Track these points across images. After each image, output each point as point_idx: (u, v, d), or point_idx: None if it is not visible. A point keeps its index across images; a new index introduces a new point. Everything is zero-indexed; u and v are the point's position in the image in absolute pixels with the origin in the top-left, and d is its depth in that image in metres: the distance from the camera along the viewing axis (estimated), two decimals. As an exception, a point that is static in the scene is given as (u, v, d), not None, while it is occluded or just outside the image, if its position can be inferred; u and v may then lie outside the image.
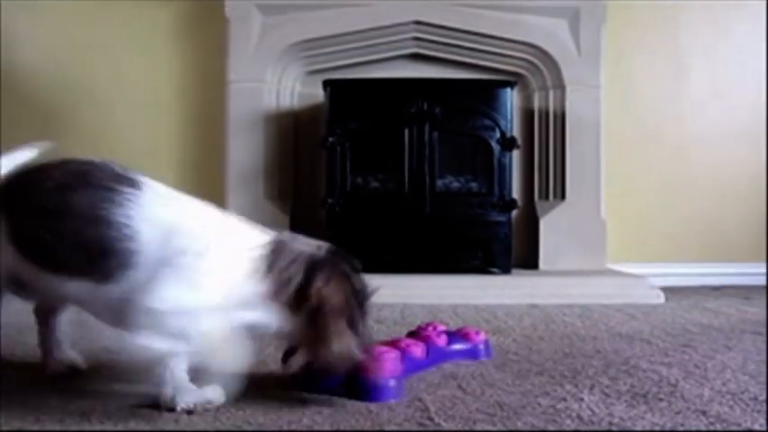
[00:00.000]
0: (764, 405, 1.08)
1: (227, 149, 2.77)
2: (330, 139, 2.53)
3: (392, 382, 1.10)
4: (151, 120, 2.97)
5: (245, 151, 2.75)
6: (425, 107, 2.54)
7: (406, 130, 2.54)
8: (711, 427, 0.97)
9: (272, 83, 2.79)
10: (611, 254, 2.80)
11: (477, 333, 1.41)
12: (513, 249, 2.59)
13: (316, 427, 0.96)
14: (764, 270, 2.98)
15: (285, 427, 0.96)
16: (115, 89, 2.96)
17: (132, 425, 0.96)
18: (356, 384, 1.09)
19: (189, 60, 2.97)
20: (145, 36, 2.97)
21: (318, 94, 2.72)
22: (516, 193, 2.74)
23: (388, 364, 1.11)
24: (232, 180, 2.76)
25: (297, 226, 2.80)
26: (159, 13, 2.96)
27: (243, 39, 2.75)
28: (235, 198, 2.75)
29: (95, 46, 2.96)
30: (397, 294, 2.28)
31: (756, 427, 0.97)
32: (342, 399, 1.09)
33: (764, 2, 3.02)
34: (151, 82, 2.97)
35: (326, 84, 2.61)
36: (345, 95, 2.59)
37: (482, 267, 2.53)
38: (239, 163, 2.75)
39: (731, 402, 1.10)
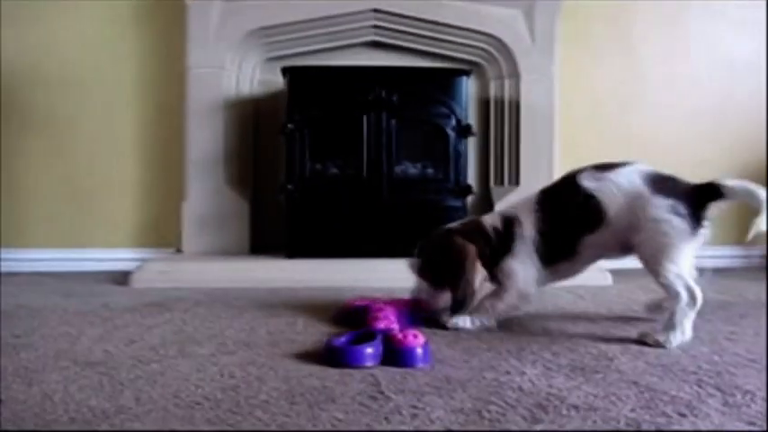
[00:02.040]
0: (694, 376, 1.16)
1: (187, 135, 2.77)
2: (289, 126, 2.56)
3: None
4: (110, 106, 2.94)
5: (205, 137, 2.76)
6: (383, 95, 2.58)
7: (365, 118, 2.58)
8: (641, 396, 1.04)
9: (232, 69, 2.80)
10: (563, 238, 2.89)
11: (416, 337, 1.39)
12: (469, 234, 2.66)
13: (272, 401, 1.01)
14: (710, 253, 3.11)
15: (242, 402, 1.00)
16: (73, 76, 2.93)
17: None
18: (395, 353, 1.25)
19: (148, 46, 2.95)
20: (103, 22, 2.93)
21: (278, 81, 2.75)
22: (472, 179, 2.81)
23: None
24: (192, 166, 2.77)
25: (257, 211, 2.83)
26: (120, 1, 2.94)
27: (202, 25, 2.75)
28: (195, 183, 2.76)
29: (52, 32, 2.92)
30: (356, 278, 2.34)
31: (682, 394, 1.05)
32: (299, 375, 1.14)
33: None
34: (110, 68, 2.94)
35: (286, 70, 2.63)
36: (305, 82, 2.61)
37: (439, 251, 2.59)
38: (199, 149, 2.76)
39: (661, 374, 1.18)
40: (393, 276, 2.34)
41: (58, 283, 2.42)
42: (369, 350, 1.23)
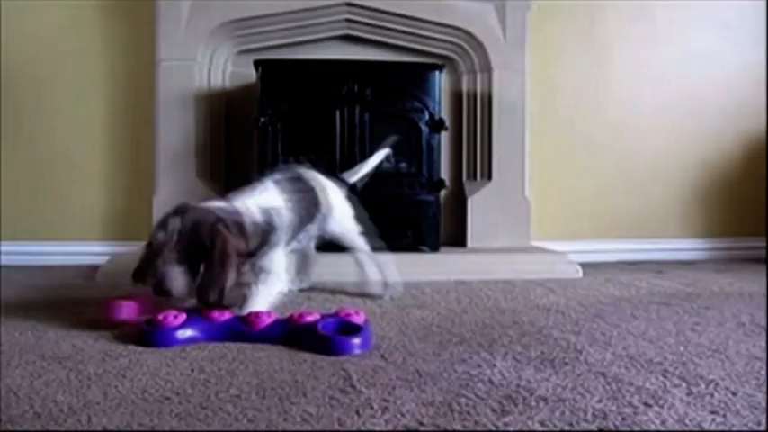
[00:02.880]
0: (660, 366, 1.19)
1: (158, 129, 2.74)
2: (262, 120, 2.54)
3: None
4: (80, 99, 2.90)
5: (175, 131, 2.73)
6: (356, 89, 2.58)
7: (338, 112, 2.58)
8: (608, 387, 1.06)
9: (203, 62, 2.77)
10: (535, 232, 2.93)
11: (358, 314, 1.43)
12: (441, 228, 2.67)
13: (243, 395, 1.00)
14: (677, 246, 3.19)
15: (213, 397, 1.00)
16: (42, 69, 2.88)
17: (60, 399, 0.98)
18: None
19: (117, 39, 2.91)
20: (72, 14, 2.88)
21: (250, 74, 2.72)
22: (445, 173, 2.82)
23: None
24: (163, 159, 2.74)
25: (229, 206, 2.80)
26: (85, -11, 2.89)
27: (173, 17, 2.71)
28: (166, 177, 2.73)
29: (21, 23, 2.86)
30: (329, 272, 2.33)
31: (648, 385, 1.07)
32: (270, 369, 1.14)
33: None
34: (79, 61, 2.89)
35: (258, 64, 2.61)
36: (277, 76, 2.59)
37: (412, 245, 2.60)
38: (170, 142, 2.73)
39: (628, 365, 1.20)
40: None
41: (25, 277, 2.38)
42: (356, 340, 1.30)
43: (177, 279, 1.40)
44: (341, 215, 1.95)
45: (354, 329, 1.34)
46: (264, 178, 1.74)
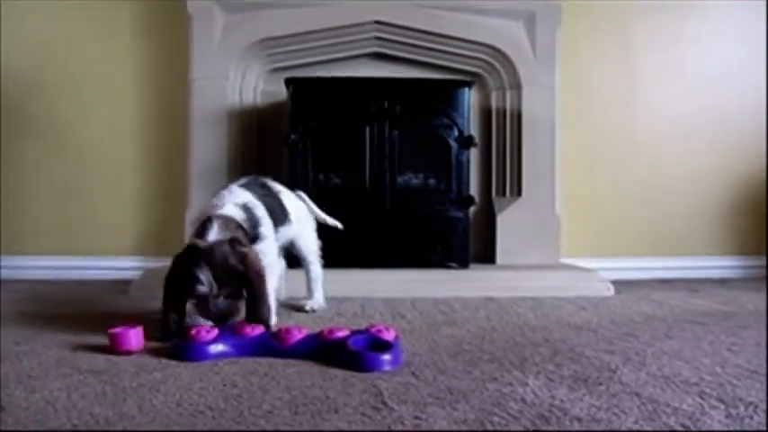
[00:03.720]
0: (696, 387, 1.16)
1: (191, 145, 2.79)
2: (292, 136, 2.57)
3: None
4: (115, 117, 2.96)
5: (208, 147, 2.78)
6: (386, 106, 2.60)
7: (367, 128, 2.60)
8: (643, 408, 1.04)
9: (235, 80, 2.81)
10: (565, 248, 2.91)
11: (388, 330, 1.43)
12: (470, 244, 2.67)
13: (275, 411, 1.01)
14: (711, 264, 3.13)
15: (246, 412, 1.00)
16: (78, 87, 2.95)
17: (97, 412, 0.99)
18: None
19: (152, 58, 2.98)
20: (108, 34, 2.96)
21: (281, 92, 2.76)
22: (474, 189, 2.82)
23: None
24: (195, 175, 2.78)
25: (259, 222, 2.83)
26: (122, 11, 2.96)
27: (205, 36, 2.77)
28: (198, 193, 2.77)
29: (58, 43, 2.95)
30: (358, 288, 2.34)
31: (684, 406, 1.05)
32: (301, 385, 1.15)
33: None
34: (115, 80, 2.96)
35: (289, 82, 2.64)
36: (307, 93, 2.62)
37: (441, 262, 2.60)
38: (202, 159, 2.78)
39: (663, 385, 1.18)
40: (395, 287, 2.36)
41: (60, 291, 2.42)
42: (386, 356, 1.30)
43: (237, 308, 1.53)
44: (304, 225, 2.01)
45: (385, 346, 1.34)
46: (229, 184, 1.80)
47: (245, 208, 1.68)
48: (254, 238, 1.66)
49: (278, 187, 1.94)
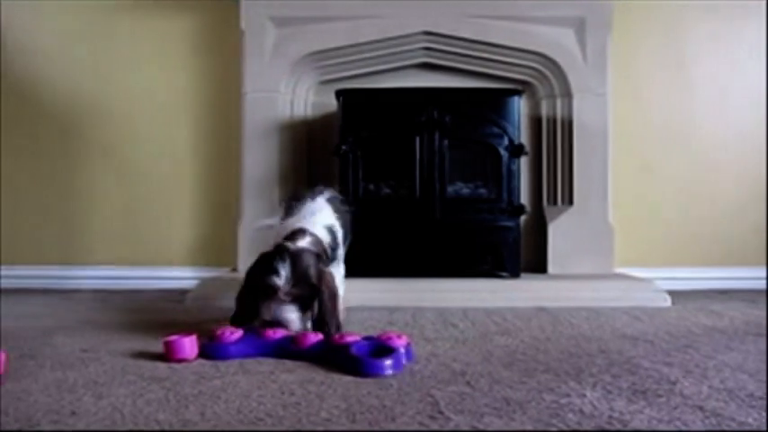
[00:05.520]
0: (762, 401, 1.13)
1: (244, 158, 2.84)
2: (343, 147, 2.60)
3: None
4: (168, 130, 3.05)
5: (260, 160, 2.83)
6: (435, 115, 2.60)
7: (417, 138, 2.61)
8: (707, 422, 1.02)
9: (286, 93, 2.86)
10: (618, 258, 2.85)
11: (399, 337, 1.46)
12: (522, 254, 2.64)
13: (333, 419, 1.02)
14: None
15: (304, 420, 1.02)
16: (132, 101, 3.05)
17: (161, 417, 1.02)
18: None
19: (205, 72, 3.05)
20: (162, 49, 3.05)
21: (331, 104, 2.80)
22: (525, 198, 2.80)
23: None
24: (248, 187, 2.84)
25: (310, 232, 2.87)
26: (176, 27, 3.05)
27: (257, 50, 2.83)
28: (251, 204, 2.82)
29: (113, 59, 3.06)
30: (409, 298, 2.35)
31: (750, 420, 1.03)
32: (358, 393, 1.16)
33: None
34: (168, 94, 3.05)
35: (339, 93, 2.68)
36: (357, 104, 2.65)
37: (491, 271, 2.59)
38: (255, 171, 2.83)
39: (727, 399, 1.15)
40: (446, 297, 2.36)
41: (120, 300, 2.50)
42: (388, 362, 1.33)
43: (293, 318, 1.56)
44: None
45: (387, 352, 1.37)
46: (315, 196, 1.86)
47: (331, 231, 1.76)
48: (332, 259, 1.76)
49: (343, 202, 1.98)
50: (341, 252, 1.83)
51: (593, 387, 1.22)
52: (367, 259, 2.58)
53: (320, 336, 1.49)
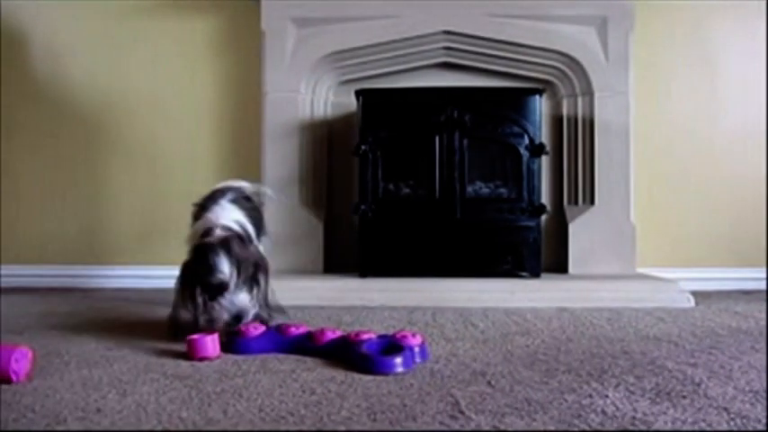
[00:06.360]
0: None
1: (264, 158, 2.86)
2: (363, 147, 2.60)
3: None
4: (190, 130, 3.08)
5: (280, 159, 2.84)
6: (455, 115, 2.60)
7: (437, 138, 2.60)
8: (732, 423, 1.01)
9: (307, 93, 2.87)
10: (641, 258, 2.83)
11: (414, 336, 1.46)
12: (542, 254, 2.63)
13: (354, 418, 1.03)
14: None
15: (325, 418, 1.02)
16: (154, 101, 3.08)
17: (185, 415, 1.04)
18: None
19: (226, 73, 3.08)
20: (183, 50, 3.08)
21: (351, 104, 2.81)
22: (545, 198, 2.79)
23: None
24: (268, 187, 2.84)
25: (330, 231, 2.88)
26: (197, 28, 3.08)
27: (278, 51, 2.84)
28: (271, 204, 2.83)
29: (135, 59, 3.09)
30: (429, 298, 2.35)
31: (776, 422, 1.01)
32: (378, 392, 1.16)
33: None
34: (190, 94, 3.08)
35: (359, 93, 2.68)
36: (377, 104, 2.65)
37: (512, 271, 2.57)
38: (275, 170, 2.84)
39: (753, 400, 1.13)
40: (466, 297, 2.35)
41: (143, 299, 2.53)
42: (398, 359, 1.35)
43: (248, 304, 1.59)
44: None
45: (398, 350, 1.38)
46: (218, 199, 1.88)
47: (239, 224, 1.78)
48: None
49: (257, 198, 2.05)
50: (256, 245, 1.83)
51: (615, 388, 1.21)
52: (387, 259, 2.59)
53: (337, 333, 1.51)
